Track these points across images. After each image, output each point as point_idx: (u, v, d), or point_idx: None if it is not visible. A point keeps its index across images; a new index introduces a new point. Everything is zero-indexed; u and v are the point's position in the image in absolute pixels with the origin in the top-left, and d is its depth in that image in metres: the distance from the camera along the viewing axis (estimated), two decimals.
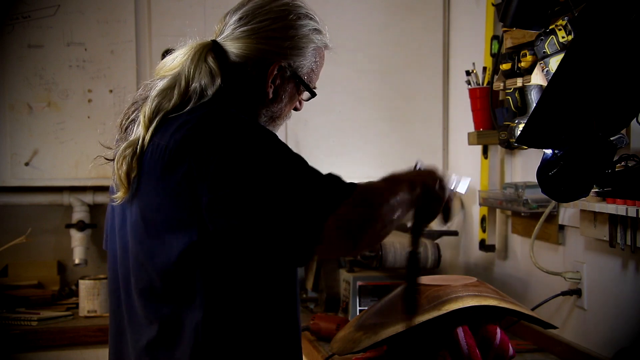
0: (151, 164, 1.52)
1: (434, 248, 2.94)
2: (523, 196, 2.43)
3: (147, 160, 1.54)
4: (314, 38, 1.64)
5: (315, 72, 1.67)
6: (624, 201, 1.97)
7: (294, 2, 1.65)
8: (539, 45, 2.24)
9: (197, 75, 1.56)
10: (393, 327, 1.77)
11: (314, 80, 1.68)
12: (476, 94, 2.76)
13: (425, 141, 3.39)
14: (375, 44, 3.30)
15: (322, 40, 1.67)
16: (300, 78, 1.63)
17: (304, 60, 1.63)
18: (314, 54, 1.65)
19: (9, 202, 3.27)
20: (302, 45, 1.62)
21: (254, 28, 1.60)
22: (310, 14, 1.66)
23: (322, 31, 1.67)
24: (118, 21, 3.12)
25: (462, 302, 1.76)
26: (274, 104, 1.64)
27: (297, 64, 1.62)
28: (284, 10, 1.62)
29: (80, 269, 3.30)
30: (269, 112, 1.65)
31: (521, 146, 2.42)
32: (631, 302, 2.10)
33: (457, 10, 3.30)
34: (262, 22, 1.60)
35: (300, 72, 1.64)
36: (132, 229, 1.59)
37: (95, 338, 2.83)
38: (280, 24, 1.60)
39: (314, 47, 1.65)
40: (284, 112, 1.68)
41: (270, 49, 1.60)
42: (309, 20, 1.65)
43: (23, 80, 3.06)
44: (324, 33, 1.68)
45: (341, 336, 1.93)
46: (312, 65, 1.65)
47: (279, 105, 1.65)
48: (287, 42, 1.60)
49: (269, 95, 1.62)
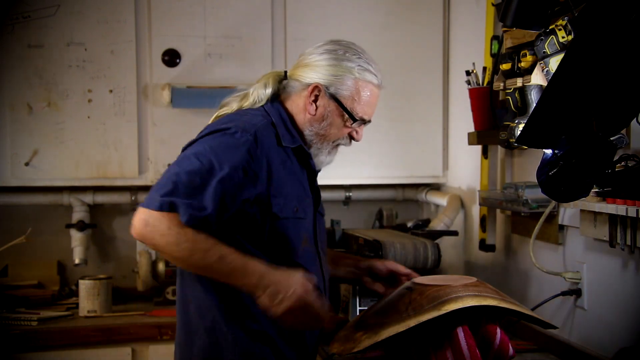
0: None
1: (433, 248, 2.94)
2: (523, 196, 2.43)
3: None
4: (356, 71, 1.96)
5: (358, 102, 1.96)
6: (624, 201, 1.97)
7: (348, 44, 2.00)
8: (539, 45, 2.23)
9: (254, 92, 2.02)
10: (393, 327, 1.77)
11: (357, 109, 1.97)
12: (476, 94, 2.75)
13: (425, 141, 3.40)
14: (375, 44, 3.29)
15: (365, 75, 1.96)
16: (339, 100, 1.95)
17: (343, 87, 1.95)
18: (354, 84, 1.95)
19: (9, 202, 3.27)
20: (341, 73, 1.95)
21: (310, 60, 1.99)
22: (361, 54, 1.98)
23: (368, 69, 1.97)
24: (118, 21, 3.12)
25: (462, 302, 1.76)
26: (317, 121, 1.97)
27: (336, 89, 1.95)
28: (335, 48, 1.98)
29: (80, 269, 3.31)
30: (313, 127, 1.98)
31: (521, 146, 2.42)
32: (631, 302, 2.10)
33: (457, 10, 3.30)
34: (318, 55, 1.98)
35: (339, 96, 1.95)
36: None
37: (95, 338, 2.84)
38: (327, 56, 1.97)
39: (353, 78, 1.95)
40: (330, 132, 1.98)
41: (315, 74, 1.96)
42: (356, 57, 1.97)
43: (23, 80, 3.06)
44: (371, 72, 1.98)
45: (341, 336, 1.92)
46: (353, 94, 1.95)
47: (322, 123, 1.97)
48: (329, 69, 1.95)
49: (310, 112, 1.96)
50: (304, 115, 1.98)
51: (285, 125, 1.97)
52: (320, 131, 1.98)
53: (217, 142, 1.85)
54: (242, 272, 1.78)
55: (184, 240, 1.75)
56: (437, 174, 3.42)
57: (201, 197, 1.77)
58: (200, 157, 1.81)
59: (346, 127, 2.00)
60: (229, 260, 1.78)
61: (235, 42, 3.21)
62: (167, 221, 1.75)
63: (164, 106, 3.15)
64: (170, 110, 3.15)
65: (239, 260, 1.79)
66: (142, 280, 3.16)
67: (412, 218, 3.55)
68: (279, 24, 3.26)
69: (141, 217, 1.78)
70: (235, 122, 1.89)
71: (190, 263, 1.80)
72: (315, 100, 1.96)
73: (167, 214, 1.75)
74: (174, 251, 1.77)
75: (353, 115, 1.97)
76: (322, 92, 1.96)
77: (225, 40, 3.20)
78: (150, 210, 1.77)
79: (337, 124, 1.98)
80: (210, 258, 1.77)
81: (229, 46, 3.20)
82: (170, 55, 3.15)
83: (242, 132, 1.85)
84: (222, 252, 1.78)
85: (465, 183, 3.24)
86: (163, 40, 3.15)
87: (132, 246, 3.47)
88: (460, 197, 3.26)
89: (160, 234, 1.75)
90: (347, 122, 1.99)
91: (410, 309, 1.80)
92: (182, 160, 1.84)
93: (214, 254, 1.77)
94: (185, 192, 1.77)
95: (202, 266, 1.80)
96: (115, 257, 3.48)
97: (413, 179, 3.44)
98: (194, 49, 3.17)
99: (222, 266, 1.78)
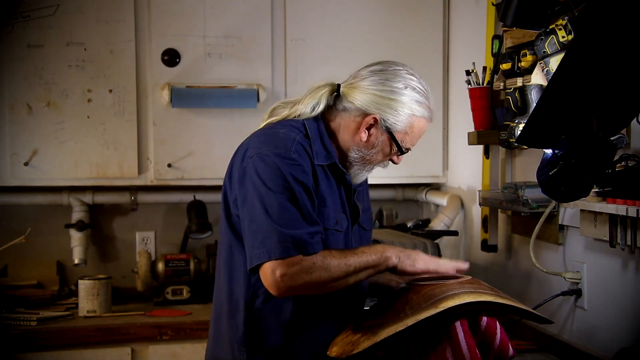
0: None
1: (433, 248, 2.94)
2: (523, 196, 2.42)
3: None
4: (413, 107, 1.96)
5: (409, 135, 1.99)
6: (624, 201, 1.97)
7: (407, 74, 1.98)
8: (539, 45, 2.23)
9: (305, 102, 2.00)
10: (392, 327, 1.76)
11: (407, 141, 2.00)
12: (476, 93, 2.75)
13: (425, 141, 3.37)
14: (375, 44, 3.30)
15: (420, 111, 1.97)
16: (392, 134, 1.97)
17: (398, 121, 1.96)
18: (409, 119, 1.97)
19: (8, 202, 3.27)
20: (399, 108, 1.95)
21: (368, 85, 1.97)
22: (418, 87, 1.97)
23: (424, 104, 1.97)
24: (118, 21, 3.11)
25: (459, 299, 1.76)
26: (366, 148, 1.99)
27: (392, 123, 1.96)
28: (396, 77, 1.96)
29: (80, 268, 3.31)
30: (361, 152, 2.00)
31: (521, 146, 2.42)
32: (631, 302, 2.10)
33: (457, 10, 3.30)
34: (377, 83, 1.96)
35: (393, 129, 1.97)
36: None
37: (95, 338, 2.83)
38: (386, 87, 1.96)
39: (409, 113, 1.96)
40: (376, 159, 2.01)
41: (373, 103, 1.95)
42: (414, 92, 1.96)
43: (23, 80, 3.05)
44: (426, 106, 1.98)
45: (340, 339, 1.92)
46: (407, 128, 1.98)
47: (370, 150, 1.99)
48: (387, 102, 1.95)
49: (362, 139, 1.98)
50: (352, 137, 1.99)
51: (322, 141, 1.98)
52: (366, 156, 2.01)
53: (273, 165, 1.86)
54: (377, 253, 1.88)
55: (330, 264, 1.81)
56: (437, 174, 3.42)
57: (309, 218, 1.84)
58: (276, 187, 1.84)
59: (391, 155, 2.04)
60: (362, 252, 1.87)
61: (235, 42, 3.20)
62: (299, 260, 1.79)
63: (164, 106, 3.15)
64: (170, 110, 3.15)
65: (363, 249, 1.90)
66: (141, 280, 3.16)
67: (412, 218, 3.55)
68: (279, 24, 3.26)
69: (278, 272, 1.78)
70: (276, 139, 1.92)
71: (347, 277, 1.85)
72: (368, 128, 1.98)
73: (294, 257, 1.79)
74: (329, 278, 1.81)
75: (402, 147, 2.01)
76: (378, 123, 1.97)
77: (225, 40, 3.19)
78: (283, 260, 1.78)
79: (385, 153, 2.01)
80: (353, 259, 1.85)
81: (228, 46, 3.20)
82: (170, 55, 3.15)
83: (287, 150, 1.89)
84: (348, 252, 1.88)
85: (465, 183, 3.23)
86: (163, 40, 3.15)
87: (131, 246, 3.47)
88: (460, 197, 3.26)
89: (305, 272, 1.79)
90: (393, 152, 2.02)
91: (407, 308, 1.80)
92: (260, 203, 1.84)
93: (351, 255, 1.86)
94: (293, 225, 1.80)
95: (355, 271, 1.85)
96: (114, 257, 3.48)
97: (413, 179, 3.44)
98: (194, 49, 3.17)
99: (367, 259, 1.86)
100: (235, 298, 1.95)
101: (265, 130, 1.99)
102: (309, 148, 1.94)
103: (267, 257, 1.78)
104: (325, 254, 1.83)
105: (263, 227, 1.81)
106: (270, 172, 1.85)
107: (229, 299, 1.97)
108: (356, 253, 1.87)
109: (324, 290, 1.86)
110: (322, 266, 1.80)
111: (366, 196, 2.18)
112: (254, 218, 1.83)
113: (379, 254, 1.88)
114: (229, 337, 1.96)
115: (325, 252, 1.83)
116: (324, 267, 1.80)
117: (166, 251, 3.46)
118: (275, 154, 1.86)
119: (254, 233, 1.82)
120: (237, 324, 1.94)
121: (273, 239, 1.78)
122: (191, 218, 3.35)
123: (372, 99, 1.95)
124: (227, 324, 1.97)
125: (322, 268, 1.80)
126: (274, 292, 1.80)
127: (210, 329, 2.08)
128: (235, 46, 3.20)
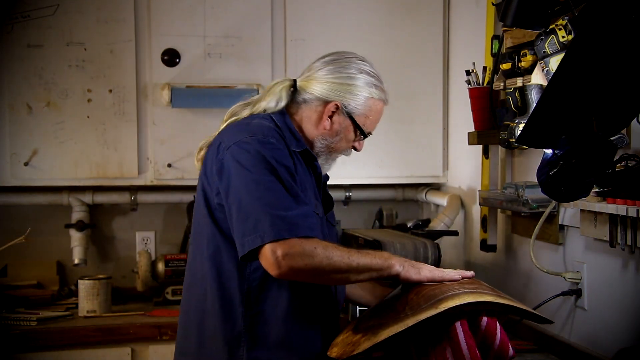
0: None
1: (433, 248, 2.94)
2: (523, 196, 2.42)
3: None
4: (370, 90, 2.04)
5: (369, 118, 2.06)
6: (624, 201, 1.96)
7: (359, 60, 2.07)
8: (539, 44, 2.23)
9: (267, 99, 2.05)
10: (392, 327, 1.76)
11: (367, 125, 2.07)
12: (476, 93, 2.75)
13: (425, 141, 3.39)
14: (375, 44, 3.30)
15: (377, 93, 2.06)
16: (354, 118, 2.03)
17: (359, 105, 2.04)
18: (368, 102, 2.04)
19: (8, 202, 3.27)
20: (357, 92, 2.03)
21: (324, 75, 2.04)
22: (372, 71, 2.06)
23: (380, 87, 2.07)
24: (117, 21, 3.11)
25: (459, 299, 1.76)
26: (331, 136, 2.05)
27: (353, 107, 2.03)
28: (349, 64, 2.05)
29: (80, 268, 3.30)
30: (325, 141, 2.05)
31: (521, 146, 2.42)
32: (631, 302, 2.10)
33: (457, 10, 3.30)
34: (332, 71, 2.04)
35: (354, 114, 2.04)
36: None
37: (95, 338, 2.83)
38: (342, 74, 2.03)
39: (367, 96, 2.04)
40: (340, 146, 2.07)
41: (331, 91, 2.02)
42: (368, 76, 2.05)
43: (22, 80, 3.05)
44: (382, 90, 2.07)
45: (340, 340, 1.92)
46: (366, 111, 2.05)
47: (335, 138, 2.05)
48: (345, 88, 2.03)
49: (326, 127, 2.03)
50: (316, 127, 2.05)
51: (290, 130, 2.01)
52: (331, 144, 2.06)
53: (253, 150, 1.87)
54: (382, 258, 1.88)
55: (333, 254, 1.80)
56: (437, 174, 3.42)
57: (294, 202, 1.82)
58: (259, 171, 1.84)
59: (354, 141, 2.09)
60: (367, 253, 1.88)
61: (235, 42, 3.20)
62: (301, 242, 1.78)
63: (164, 106, 3.15)
64: (170, 110, 3.15)
65: (368, 251, 1.91)
66: (141, 280, 3.16)
67: (412, 218, 3.55)
68: (279, 24, 3.26)
69: (279, 252, 1.77)
70: (250, 127, 1.94)
71: (348, 274, 1.84)
72: (331, 116, 2.03)
73: (291, 239, 1.78)
74: (330, 267, 1.80)
75: (364, 131, 2.07)
76: (339, 109, 2.03)
77: (225, 40, 3.19)
78: (279, 241, 1.77)
79: (348, 139, 2.07)
80: (356, 257, 1.84)
81: (228, 46, 3.20)
82: (170, 55, 3.15)
83: (264, 136, 1.91)
84: (353, 250, 1.86)
85: (465, 183, 3.23)
86: (163, 39, 3.15)
87: (131, 246, 3.47)
88: (460, 197, 3.26)
89: (307, 255, 1.78)
90: (357, 137, 2.08)
91: (407, 309, 1.80)
92: (246, 189, 1.84)
93: (355, 253, 1.85)
94: (283, 207, 1.80)
95: (357, 270, 1.84)
96: (114, 257, 3.48)
97: (413, 179, 3.44)
98: (194, 49, 3.17)
99: (371, 261, 1.86)
100: (229, 293, 1.92)
101: (236, 124, 2.01)
102: (282, 136, 1.96)
103: (261, 241, 1.77)
104: (328, 244, 1.83)
105: (252, 213, 1.79)
106: (251, 157, 1.85)
107: (219, 296, 1.92)
108: (360, 252, 1.87)
109: (323, 280, 1.87)
110: (324, 253, 1.79)
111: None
112: (242, 205, 1.82)
113: (384, 259, 1.88)
114: (223, 335, 1.92)
115: (328, 243, 1.84)
116: (326, 255, 1.80)
117: (166, 251, 3.46)
118: (254, 140, 1.88)
119: (243, 220, 1.81)
120: (233, 320, 1.91)
121: (265, 222, 1.78)
122: (191, 218, 3.34)
123: (331, 87, 2.02)
124: (218, 323, 1.92)
125: (325, 256, 1.79)
126: (274, 272, 1.78)
127: (184, 333, 2.04)
128: (235, 46, 3.20)
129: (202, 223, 1.98)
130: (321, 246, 1.80)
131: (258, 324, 1.92)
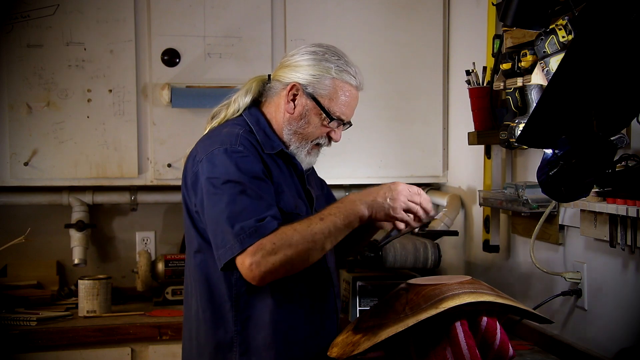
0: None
1: (433, 248, 2.94)
2: (523, 196, 2.42)
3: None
4: (334, 71, 2.00)
5: (336, 102, 2.01)
6: (624, 201, 1.96)
7: (329, 47, 2.06)
8: (539, 44, 2.23)
9: (235, 100, 2.08)
10: (392, 328, 1.76)
11: (334, 109, 2.01)
12: (476, 93, 2.75)
13: (425, 141, 3.39)
14: (375, 44, 3.30)
15: (343, 76, 2.01)
16: (317, 99, 1.99)
17: (321, 86, 2.00)
18: (332, 84, 2.00)
19: (8, 202, 3.27)
20: (319, 73, 2.00)
21: (292, 61, 2.05)
22: (340, 56, 2.03)
23: (347, 70, 2.02)
24: (117, 21, 3.11)
25: (460, 299, 1.76)
26: (296, 120, 2.02)
27: (314, 88, 2.00)
28: (316, 50, 2.04)
29: (80, 269, 3.30)
30: (291, 126, 2.02)
31: (521, 146, 2.42)
32: (631, 302, 2.10)
33: (457, 10, 3.30)
34: (299, 56, 2.04)
35: (317, 95, 2.00)
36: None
37: (95, 338, 2.83)
38: (308, 57, 2.03)
39: (331, 77, 2.00)
40: (309, 131, 2.02)
41: (295, 74, 2.02)
42: (335, 59, 2.02)
43: (22, 80, 3.05)
44: (349, 73, 2.02)
45: (340, 340, 1.92)
46: (331, 93, 2.00)
47: (300, 122, 2.02)
48: (308, 69, 2.01)
49: (288, 110, 2.01)
50: (282, 115, 2.03)
51: (264, 131, 2.02)
52: (298, 130, 2.02)
53: (220, 163, 1.90)
54: (345, 212, 1.86)
55: (292, 239, 1.80)
56: (437, 174, 3.42)
57: (260, 205, 1.83)
58: (224, 183, 1.86)
59: (324, 127, 2.03)
60: (328, 215, 1.85)
61: (235, 42, 3.20)
62: (260, 245, 1.79)
63: (164, 106, 3.15)
64: (170, 110, 3.15)
65: (330, 210, 1.87)
66: (141, 280, 3.16)
67: None
68: (278, 23, 3.26)
69: (246, 263, 1.79)
70: (220, 137, 1.95)
71: (318, 246, 1.83)
72: (293, 99, 2.01)
73: (257, 242, 1.79)
74: (295, 253, 1.80)
75: (330, 114, 2.01)
76: (300, 90, 2.01)
77: (225, 40, 3.19)
78: (245, 251, 1.79)
79: (315, 123, 2.02)
80: (319, 225, 1.83)
81: (228, 46, 3.20)
82: (170, 54, 3.15)
83: (232, 145, 1.92)
84: (314, 218, 1.85)
85: (466, 183, 3.23)
86: (162, 39, 3.15)
87: (131, 246, 3.47)
88: (460, 197, 3.26)
89: (269, 254, 1.79)
90: (324, 122, 2.03)
91: (407, 309, 1.80)
92: (212, 203, 1.87)
93: (316, 222, 1.84)
94: (244, 217, 1.81)
95: (325, 237, 1.83)
96: (114, 257, 3.48)
97: (413, 179, 3.44)
98: (194, 49, 3.17)
99: (334, 221, 1.84)
100: (219, 301, 1.94)
101: (209, 134, 2.04)
102: (255, 141, 1.97)
103: (231, 254, 1.80)
104: (285, 230, 1.81)
105: (220, 226, 1.83)
106: (218, 170, 1.88)
107: (209, 304, 1.95)
108: (322, 218, 1.85)
109: (302, 265, 1.85)
110: (284, 244, 1.79)
111: (317, 183, 2.20)
112: (212, 220, 1.86)
113: (348, 212, 1.87)
114: (216, 341, 1.94)
115: (285, 229, 1.82)
116: (286, 244, 1.79)
117: (166, 251, 3.46)
118: (222, 151, 1.90)
119: (215, 234, 1.85)
120: (224, 326, 1.93)
121: (230, 235, 1.80)
122: None
123: (293, 70, 2.02)
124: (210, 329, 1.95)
125: (285, 246, 1.79)
126: (252, 282, 1.81)
127: (186, 341, 2.06)
128: (235, 46, 3.20)
129: (189, 232, 2.02)
130: (280, 236, 1.80)
131: (249, 329, 1.92)
